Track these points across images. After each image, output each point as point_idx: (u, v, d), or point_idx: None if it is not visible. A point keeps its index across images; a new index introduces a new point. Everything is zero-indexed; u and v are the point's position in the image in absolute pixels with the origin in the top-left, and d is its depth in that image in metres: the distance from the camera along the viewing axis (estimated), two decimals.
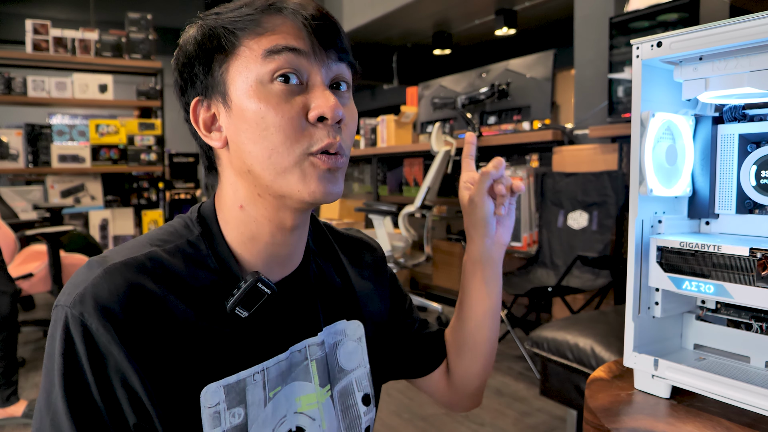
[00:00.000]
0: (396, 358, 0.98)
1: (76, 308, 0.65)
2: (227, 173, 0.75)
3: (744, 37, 0.71)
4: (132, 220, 5.34)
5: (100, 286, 0.65)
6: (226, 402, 0.71)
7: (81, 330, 0.64)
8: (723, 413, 0.77)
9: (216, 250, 0.75)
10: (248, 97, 0.69)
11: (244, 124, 0.69)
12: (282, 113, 0.68)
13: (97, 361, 0.64)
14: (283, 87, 0.68)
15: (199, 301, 0.71)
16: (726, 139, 0.86)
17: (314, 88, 0.70)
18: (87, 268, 0.68)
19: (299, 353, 0.80)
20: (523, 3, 5.93)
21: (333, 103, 0.69)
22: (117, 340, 0.64)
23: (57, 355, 0.65)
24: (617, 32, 3.03)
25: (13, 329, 2.56)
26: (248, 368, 0.74)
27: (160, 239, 0.74)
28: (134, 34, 5.29)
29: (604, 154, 3.13)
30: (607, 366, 0.97)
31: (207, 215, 0.78)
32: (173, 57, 0.76)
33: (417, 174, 4.91)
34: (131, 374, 0.65)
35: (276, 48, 0.68)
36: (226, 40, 0.70)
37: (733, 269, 0.74)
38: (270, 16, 0.70)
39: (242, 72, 0.69)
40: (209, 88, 0.72)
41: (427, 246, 4.04)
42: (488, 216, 0.90)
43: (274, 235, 0.75)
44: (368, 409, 0.88)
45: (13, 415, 2.52)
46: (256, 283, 0.72)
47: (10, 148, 4.81)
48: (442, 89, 4.56)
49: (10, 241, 3.53)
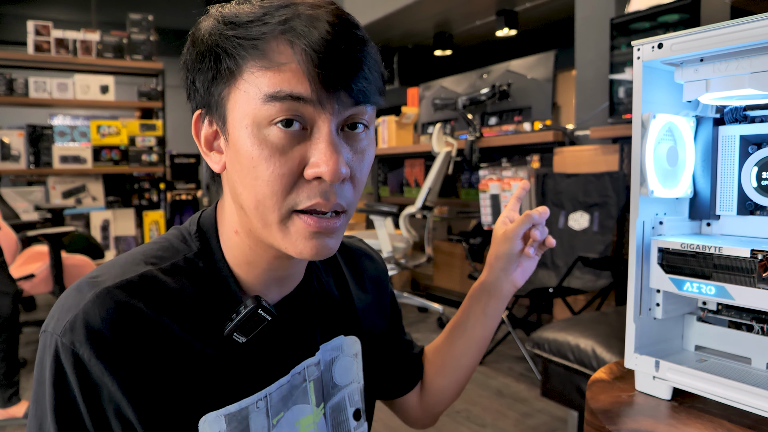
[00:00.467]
0: (382, 376, 0.97)
1: (67, 337, 0.61)
2: (226, 192, 0.71)
3: (745, 39, 0.71)
4: (133, 221, 5.34)
5: (92, 312, 0.61)
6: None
7: (72, 360, 0.60)
8: (724, 415, 0.77)
9: (214, 268, 0.71)
10: (244, 137, 0.62)
11: (238, 164, 0.63)
12: (274, 168, 0.61)
13: (90, 391, 0.61)
14: (282, 134, 0.61)
15: (195, 324, 0.67)
16: (727, 140, 0.86)
17: (317, 139, 0.61)
18: (77, 291, 0.64)
19: (299, 375, 0.77)
20: (524, 4, 5.93)
21: (334, 164, 0.60)
22: (109, 369, 0.61)
23: (48, 385, 0.62)
24: (618, 33, 3.03)
25: (15, 330, 2.56)
26: (251, 395, 0.70)
27: (155, 256, 0.69)
28: (135, 35, 5.29)
29: (605, 155, 3.13)
30: (608, 367, 0.97)
31: (207, 229, 0.73)
32: (181, 55, 0.69)
33: (418, 175, 4.91)
34: (125, 405, 0.62)
35: (278, 94, 0.59)
36: (226, 64, 0.62)
37: (734, 271, 0.74)
38: (279, 45, 0.60)
39: (241, 107, 0.62)
40: (210, 106, 0.66)
41: (428, 247, 4.04)
42: (514, 253, 0.91)
43: (270, 263, 0.71)
44: (359, 423, 0.86)
45: (15, 415, 2.52)
46: (257, 309, 0.68)
47: (11, 148, 4.81)
48: (443, 90, 4.56)
49: (12, 242, 3.53)
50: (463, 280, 4.39)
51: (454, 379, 0.99)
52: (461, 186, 4.61)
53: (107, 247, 5.12)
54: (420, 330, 3.89)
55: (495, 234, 0.94)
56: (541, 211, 0.89)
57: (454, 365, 0.98)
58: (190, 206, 6.22)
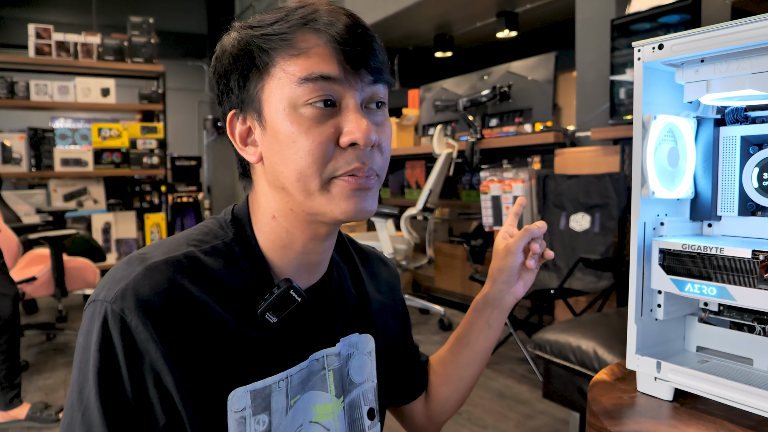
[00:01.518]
0: (392, 381, 0.99)
1: (117, 304, 0.65)
2: (261, 184, 0.76)
3: (745, 40, 0.72)
4: (134, 224, 5.35)
5: (142, 283, 0.66)
6: (252, 408, 0.72)
7: (120, 326, 0.64)
8: (726, 416, 0.77)
9: (250, 252, 0.76)
10: (282, 119, 0.69)
11: (277, 145, 0.70)
12: (313, 137, 0.68)
13: (134, 358, 0.65)
14: (316, 111, 0.68)
15: (232, 303, 0.72)
16: (728, 141, 0.86)
17: (347, 111, 0.70)
18: (127, 264, 0.69)
19: (317, 362, 0.81)
20: (525, 5, 5.94)
21: (365, 128, 0.69)
22: (155, 338, 0.64)
23: (93, 350, 0.65)
24: (619, 34, 3.03)
25: (16, 332, 2.56)
26: (274, 375, 0.74)
27: (196, 239, 0.74)
28: (136, 38, 5.30)
29: (606, 156, 3.13)
30: (610, 368, 0.97)
31: (241, 218, 0.78)
32: (210, 67, 0.77)
33: (419, 176, 4.91)
34: (166, 374, 0.65)
35: (311, 76, 0.67)
36: (260, 58, 0.70)
37: (736, 271, 0.74)
38: (303, 35, 0.69)
39: (276, 94, 0.69)
40: (245, 103, 0.72)
41: (429, 248, 4.04)
42: (516, 266, 0.94)
43: (305, 245, 0.76)
44: (373, 423, 0.89)
45: (16, 418, 2.52)
46: (289, 290, 0.73)
47: (13, 151, 4.82)
48: (444, 92, 4.56)
49: (13, 245, 3.53)
50: (464, 282, 4.39)
51: (457, 389, 1.02)
52: (462, 187, 4.61)
53: (108, 250, 5.12)
54: (421, 332, 3.89)
55: (496, 248, 0.97)
56: (540, 225, 0.93)
57: (458, 375, 1.01)
58: (192, 209, 6.22)
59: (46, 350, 3.61)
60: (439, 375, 1.03)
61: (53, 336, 3.83)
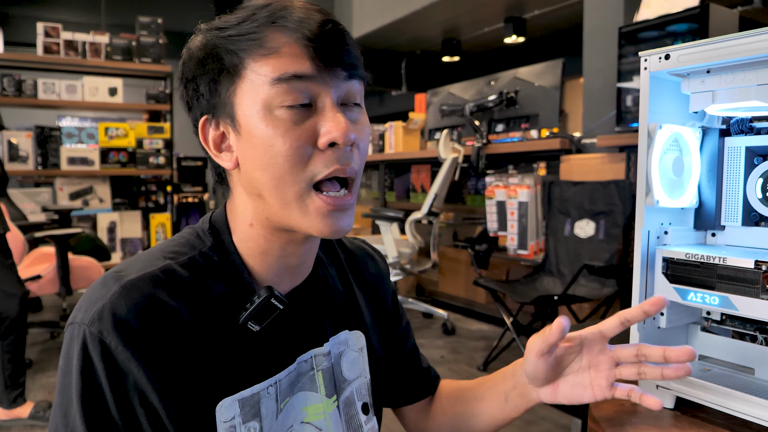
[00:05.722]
0: (388, 378, 0.96)
1: (95, 326, 0.63)
2: (238, 190, 0.74)
3: (751, 51, 0.72)
4: (140, 223, 5.37)
5: (118, 302, 0.64)
6: (242, 416, 0.71)
7: (100, 348, 0.63)
8: (727, 425, 0.77)
9: (228, 261, 0.74)
10: (257, 122, 0.67)
11: (252, 150, 0.68)
12: (291, 140, 0.66)
13: (116, 378, 0.64)
14: (292, 112, 0.66)
15: (212, 314, 0.70)
16: (733, 151, 0.86)
17: (324, 110, 0.68)
18: (102, 284, 0.67)
19: (306, 363, 0.80)
20: (533, 11, 5.95)
21: (344, 127, 0.67)
22: (136, 357, 0.63)
23: (75, 373, 0.64)
24: (626, 42, 3.03)
25: (22, 332, 2.57)
26: (262, 381, 0.73)
27: (172, 251, 0.73)
28: (145, 37, 5.33)
29: (611, 163, 3.13)
30: None
31: (219, 226, 0.77)
32: (179, 71, 0.74)
33: (424, 180, 4.92)
34: (150, 392, 0.64)
35: (284, 76, 0.65)
36: (229, 60, 0.68)
37: (739, 281, 0.75)
38: (272, 33, 0.67)
39: (249, 96, 0.67)
40: (217, 108, 0.70)
41: (433, 252, 4.04)
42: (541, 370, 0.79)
43: (284, 248, 0.75)
44: (368, 418, 0.87)
45: (20, 416, 2.53)
46: (269, 298, 0.72)
47: (19, 149, 4.85)
48: (451, 96, 4.57)
49: (19, 243, 3.55)
50: (468, 287, 4.39)
51: (452, 429, 0.96)
52: (467, 192, 4.61)
53: (114, 249, 5.14)
54: (425, 336, 3.88)
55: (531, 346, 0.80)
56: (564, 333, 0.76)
57: (459, 417, 0.95)
58: (197, 209, 6.23)
59: (50, 348, 3.63)
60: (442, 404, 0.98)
61: (57, 334, 3.85)
